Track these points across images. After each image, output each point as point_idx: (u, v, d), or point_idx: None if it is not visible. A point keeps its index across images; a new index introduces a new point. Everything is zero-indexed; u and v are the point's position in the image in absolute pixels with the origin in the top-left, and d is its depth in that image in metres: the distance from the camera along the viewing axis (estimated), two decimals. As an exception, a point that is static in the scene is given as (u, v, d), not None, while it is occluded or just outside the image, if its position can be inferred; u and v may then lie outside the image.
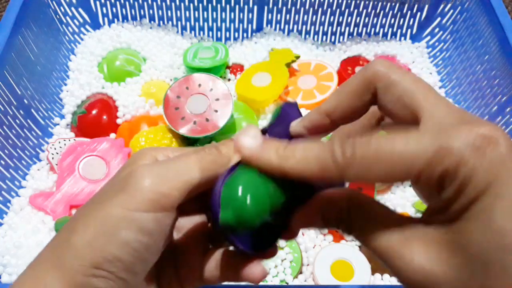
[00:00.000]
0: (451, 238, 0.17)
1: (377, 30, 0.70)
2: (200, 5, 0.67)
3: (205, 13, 0.68)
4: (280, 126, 0.24)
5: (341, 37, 0.71)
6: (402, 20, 0.69)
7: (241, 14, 0.68)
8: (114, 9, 0.68)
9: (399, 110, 0.20)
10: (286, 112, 0.24)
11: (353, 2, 0.67)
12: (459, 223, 0.16)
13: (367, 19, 0.69)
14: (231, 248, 0.24)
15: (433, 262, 0.17)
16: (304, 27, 0.70)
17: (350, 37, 0.70)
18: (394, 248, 0.18)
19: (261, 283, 0.44)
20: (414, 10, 0.68)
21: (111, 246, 0.19)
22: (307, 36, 0.70)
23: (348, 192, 0.20)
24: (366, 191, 0.48)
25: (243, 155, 0.21)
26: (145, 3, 0.67)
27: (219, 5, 0.67)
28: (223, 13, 0.68)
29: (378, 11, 0.68)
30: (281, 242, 0.46)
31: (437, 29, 0.69)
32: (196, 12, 0.68)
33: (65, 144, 0.53)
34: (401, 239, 0.18)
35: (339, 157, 0.18)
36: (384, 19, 0.69)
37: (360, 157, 0.17)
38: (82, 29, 0.68)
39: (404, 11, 0.68)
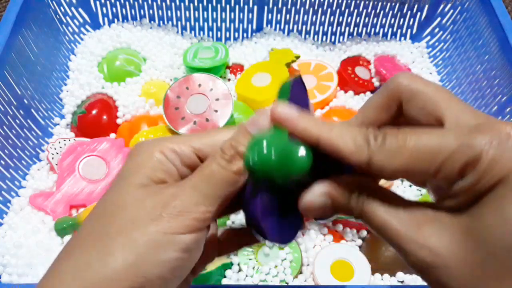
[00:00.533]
0: (464, 223, 0.18)
1: (377, 30, 0.70)
2: (200, 5, 0.67)
3: (205, 13, 0.68)
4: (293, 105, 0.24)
5: (341, 37, 0.71)
6: (402, 20, 0.69)
7: (241, 14, 0.68)
8: (114, 9, 0.68)
9: (424, 118, 0.21)
10: (297, 90, 0.24)
11: (353, 2, 0.67)
12: (473, 209, 0.17)
13: (367, 19, 0.69)
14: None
15: (445, 244, 0.18)
16: (304, 27, 0.70)
17: (350, 37, 0.70)
18: (405, 231, 0.19)
19: (261, 283, 0.44)
20: (414, 10, 0.68)
21: (154, 268, 0.20)
22: (307, 36, 0.70)
23: (358, 178, 0.21)
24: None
25: (282, 118, 0.21)
26: (145, 3, 0.67)
27: (219, 5, 0.67)
28: (223, 13, 0.68)
29: (378, 11, 0.68)
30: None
31: (437, 29, 0.69)
32: (196, 12, 0.68)
33: (65, 144, 0.53)
34: (413, 223, 0.19)
35: (371, 141, 0.19)
36: (384, 19, 0.69)
37: (388, 144, 0.19)
38: (82, 29, 0.68)
39: (404, 11, 0.68)
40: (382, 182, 0.24)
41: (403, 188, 0.52)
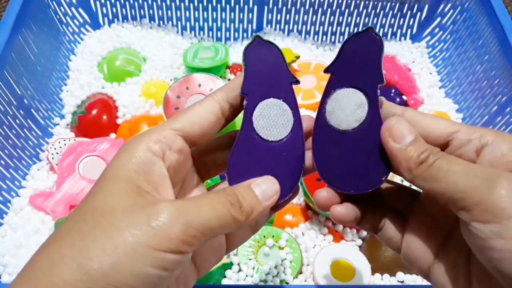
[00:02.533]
0: None
1: (377, 30, 0.70)
2: (200, 5, 0.67)
3: (205, 13, 0.68)
4: (262, 76, 0.25)
5: (341, 37, 0.71)
6: (402, 20, 0.69)
7: (241, 14, 0.68)
8: (114, 9, 0.68)
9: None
10: (259, 54, 0.26)
11: (353, 2, 0.67)
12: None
13: (367, 19, 0.69)
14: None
15: None
16: (304, 27, 0.70)
17: (350, 37, 0.70)
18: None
19: (261, 283, 0.44)
20: (414, 10, 0.68)
21: (128, 279, 0.19)
22: (307, 36, 0.70)
23: None
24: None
25: None
26: (145, 3, 0.67)
27: (219, 5, 0.67)
28: (223, 13, 0.68)
29: (378, 11, 0.68)
30: (281, 242, 0.46)
31: (437, 29, 0.69)
32: (196, 12, 0.68)
33: (65, 144, 0.53)
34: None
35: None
36: (384, 19, 0.69)
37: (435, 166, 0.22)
38: (82, 29, 0.68)
39: (404, 11, 0.68)
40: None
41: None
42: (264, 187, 0.24)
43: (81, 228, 0.20)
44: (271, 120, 0.25)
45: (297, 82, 0.26)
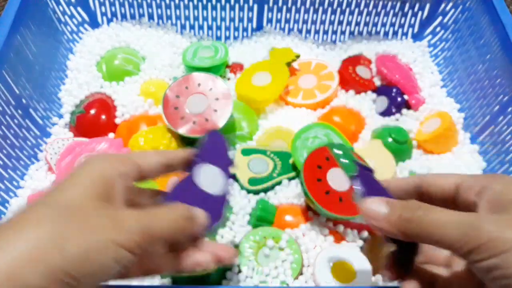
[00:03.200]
0: None
1: (378, 29, 0.70)
2: (200, 3, 0.66)
3: (205, 12, 0.67)
4: (211, 152, 0.35)
5: (342, 36, 0.70)
6: (403, 19, 0.69)
7: (241, 13, 0.67)
8: (113, 8, 0.68)
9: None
10: (213, 139, 0.37)
11: (354, 1, 0.66)
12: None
13: (368, 18, 0.68)
14: None
15: None
16: (304, 26, 0.69)
17: (350, 36, 0.70)
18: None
19: (261, 285, 0.43)
20: (416, 9, 0.68)
21: (98, 268, 0.23)
22: (307, 35, 0.70)
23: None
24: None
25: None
26: (144, 2, 0.67)
27: (218, 4, 0.66)
28: (223, 12, 0.67)
29: (379, 9, 0.67)
30: (281, 243, 0.45)
31: (438, 28, 0.69)
32: (196, 11, 0.67)
33: (63, 144, 0.52)
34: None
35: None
36: (385, 18, 0.68)
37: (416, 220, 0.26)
38: (80, 28, 0.67)
39: (405, 9, 0.68)
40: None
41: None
42: (200, 212, 0.30)
43: (54, 216, 0.23)
44: (208, 178, 0.34)
45: (233, 164, 0.36)
